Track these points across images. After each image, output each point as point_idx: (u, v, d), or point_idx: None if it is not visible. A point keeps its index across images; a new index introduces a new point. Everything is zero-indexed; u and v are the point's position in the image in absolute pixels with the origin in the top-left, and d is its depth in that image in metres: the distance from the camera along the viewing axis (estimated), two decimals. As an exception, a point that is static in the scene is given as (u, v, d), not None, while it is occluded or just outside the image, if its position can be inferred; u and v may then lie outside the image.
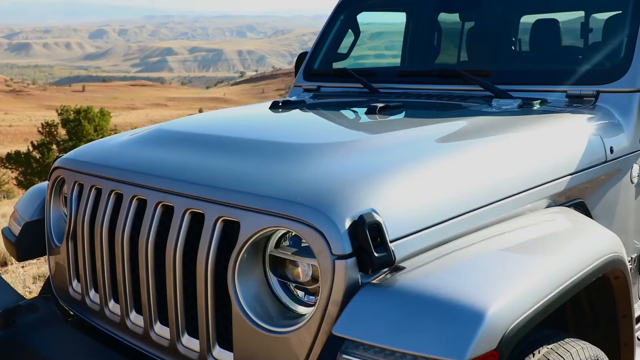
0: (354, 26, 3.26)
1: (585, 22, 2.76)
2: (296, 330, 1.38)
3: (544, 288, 1.33)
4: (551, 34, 2.58)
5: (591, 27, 2.75)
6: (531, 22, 2.76)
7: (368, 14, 3.60)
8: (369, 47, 4.23)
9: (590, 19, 2.72)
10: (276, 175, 1.53)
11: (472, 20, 3.12)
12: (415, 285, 1.29)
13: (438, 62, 3.28)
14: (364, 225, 1.31)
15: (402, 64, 3.54)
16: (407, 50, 3.50)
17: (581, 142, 1.93)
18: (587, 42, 2.62)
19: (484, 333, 1.17)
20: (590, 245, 1.57)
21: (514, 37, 2.77)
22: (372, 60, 4.28)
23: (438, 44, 3.30)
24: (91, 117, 40.51)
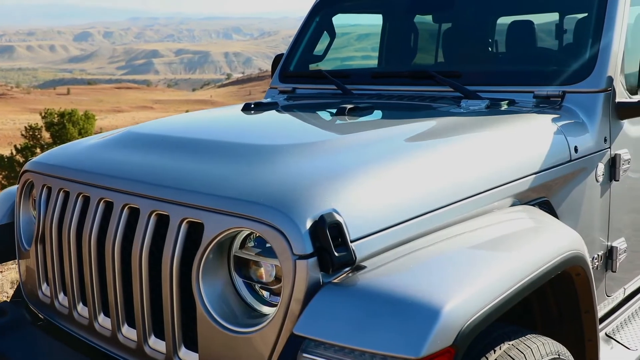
0: (329, 28, 3.28)
1: (557, 23, 2.80)
2: (259, 330, 1.39)
3: (501, 285, 1.36)
4: (520, 36, 2.62)
5: (566, 29, 2.79)
6: (503, 24, 2.80)
7: (356, 16, 3.63)
8: (356, 49, 4.25)
9: (558, 20, 2.76)
10: (240, 177, 1.54)
11: (445, 22, 3.15)
12: (375, 284, 1.31)
13: (413, 64, 3.30)
14: (324, 225, 1.33)
15: (379, 65, 3.56)
16: (384, 51, 3.53)
17: (545, 141, 1.96)
18: (555, 44, 2.66)
19: (439, 330, 1.19)
20: (550, 242, 1.60)
21: (485, 38, 2.80)
22: (359, 61, 4.30)
23: (414, 45, 3.33)
24: (75, 120, 40.17)
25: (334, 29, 3.28)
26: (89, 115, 42.10)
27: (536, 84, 2.28)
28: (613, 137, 2.22)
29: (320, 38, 3.29)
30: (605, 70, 2.18)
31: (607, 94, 2.19)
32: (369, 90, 2.73)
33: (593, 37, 2.26)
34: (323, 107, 2.49)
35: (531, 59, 2.56)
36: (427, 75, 2.55)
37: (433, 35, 3.39)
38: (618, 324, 2.43)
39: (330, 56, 4.03)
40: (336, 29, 4.00)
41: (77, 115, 40.74)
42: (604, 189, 2.19)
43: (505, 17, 2.82)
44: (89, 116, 42.02)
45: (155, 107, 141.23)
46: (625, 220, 2.36)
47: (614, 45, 2.22)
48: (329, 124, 2.19)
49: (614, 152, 2.21)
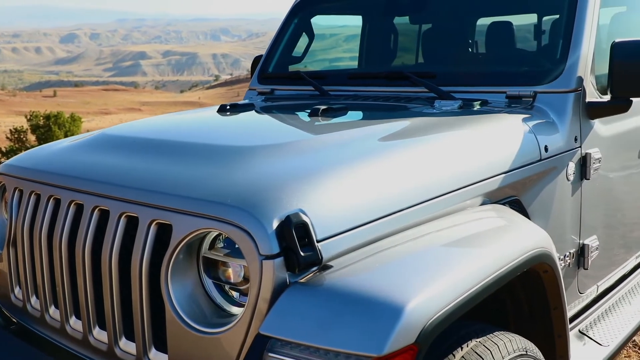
0: (308, 29, 3.29)
1: (529, 25, 2.83)
2: (227, 330, 1.40)
3: (465, 283, 1.37)
4: (493, 37, 2.65)
5: (544, 30, 2.82)
6: (478, 25, 2.83)
7: (344, 17, 3.64)
8: (344, 50, 4.26)
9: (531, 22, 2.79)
10: (209, 178, 1.55)
11: (421, 24, 3.17)
12: (340, 284, 1.32)
13: (392, 65, 3.33)
14: (290, 225, 1.34)
15: (359, 66, 3.58)
16: (364, 53, 3.55)
17: (515, 141, 1.99)
18: (527, 45, 2.69)
19: (402, 328, 1.21)
20: (515, 241, 1.62)
21: (460, 40, 2.83)
22: (348, 62, 4.30)
23: (394, 46, 3.36)
24: (61, 123, 39.84)
25: (312, 30, 3.29)
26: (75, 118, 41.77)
27: (508, 84, 2.31)
28: (584, 136, 2.25)
29: (299, 39, 3.30)
30: (575, 70, 2.21)
31: (578, 94, 2.22)
32: (346, 91, 2.74)
33: (563, 38, 2.29)
34: (298, 108, 2.50)
35: (504, 60, 2.59)
36: (402, 76, 2.58)
37: (413, 37, 3.42)
38: (591, 320, 2.46)
39: (319, 57, 4.05)
40: (324, 30, 4.02)
41: (63, 118, 40.40)
42: (575, 187, 2.22)
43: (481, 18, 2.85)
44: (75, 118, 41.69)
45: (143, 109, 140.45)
46: (597, 218, 2.39)
47: (584, 46, 2.25)
48: (301, 125, 2.20)
49: (585, 151, 2.24)
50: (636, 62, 2.15)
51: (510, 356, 1.54)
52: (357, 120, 2.18)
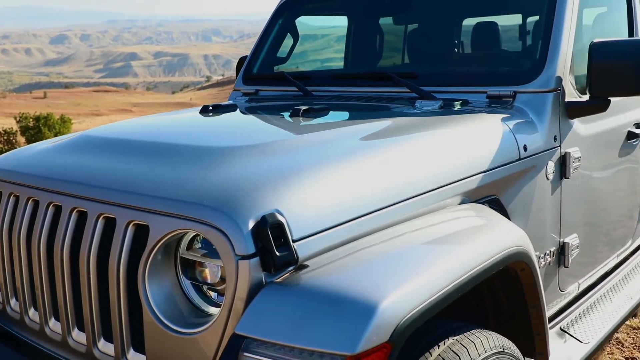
0: (292, 30, 3.30)
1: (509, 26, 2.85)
2: (204, 331, 1.40)
3: (440, 281, 1.39)
4: (475, 38, 2.67)
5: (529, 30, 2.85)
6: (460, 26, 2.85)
7: (336, 18, 3.65)
8: (336, 50, 4.27)
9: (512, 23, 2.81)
10: (186, 179, 1.55)
11: (404, 24, 3.19)
12: (315, 283, 1.33)
13: (377, 65, 3.34)
14: (266, 225, 1.35)
15: (344, 66, 3.59)
16: (349, 53, 3.56)
17: (494, 140, 2.00)
18: (508, 45, 2.71)
19: (375, 327, 1.22)
20: (491, 240, 1.63)
21: (442, 40, 2.84)
22: (338, 63, 4.31)
23: (380, 47, 3.37)
24: (51, 124, 39.58)
25: (297, 31, 3.30)
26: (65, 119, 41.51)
27: (489, 84, 2.33)
28: (563, 135, 2.27)
29: (284, 40, 3.30)
30: (554, 70, 2.23)
31: (557, 94, 2.24)
32: (330, 92, 2.75)
33: (543, 39, 2.31)
34: (280, 108, 2.51)
35: (484, 60, 2.61)
36: (385, 77, 2.59)
37: (399, 37, 3.43)
38: (573, 318, 2.49)
39: (311, 57, 4.06)
40: (316, 31, 4.03)
41: (53, 119, 40.14)
42: (555, 186, 2.24)
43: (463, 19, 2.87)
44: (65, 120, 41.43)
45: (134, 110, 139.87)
46: (577, 216, 2.42)
47: (563, 46, 2.27)
48: (281, 125, 2.21)
49: (564, 150, 2.26)
50: (613, 62, 2.17)
51: (487, 353, 1.55)
52: (336, 121, 2.19)
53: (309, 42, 4.01)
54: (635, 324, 3.53)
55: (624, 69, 2.16)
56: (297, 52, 3.96)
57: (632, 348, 3.28)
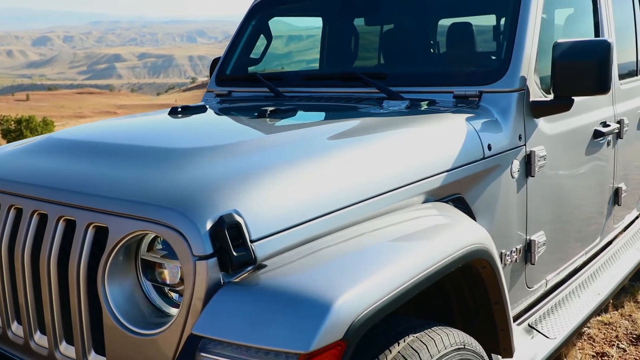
0: (265, 31, 3.30)
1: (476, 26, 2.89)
2: (163, 332, 1.40)
3: (396, 279, 1.40)
4: (442, 38, 2.70)
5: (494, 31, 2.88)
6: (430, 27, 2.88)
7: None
8: (317, 52, 4.28)
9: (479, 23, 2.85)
10: (146, 180, 1.56)
11: (375, 25, 3.22)
12: (272, 283, 1.34)
13: (351, 66, 3.36)
14: (223, 225, 1.36)
15: (319, 67, 3.61)
16: (324, 54, 3.58)
17: (458, 140, 2.03)
18: (474, 46, 2.75)
19: (329, 324, 1.23)
20: (450, 238, 1.65)
21: (411, 41, 2.87)
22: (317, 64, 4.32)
23: (354, 48, 3.39)
24: (33, 127, 39.13)
25: (270, 32, 3.31)
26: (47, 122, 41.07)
27: (455, 84, 2.36)
28: (528, 134, 2.30)
29: (257, 41, 3.31)
30: (518, 70, 2.27)
31: (521, 94, 2.27)
32: (301, 93, 2.77)
33: (507, 39, 2.34)
34: (248, 110, 2.51)
35: (451, 61, 2.64)
36: (354, 77, 2.61)
37: (373, 38, 3.46)
38: (541, 314, 2.52)
39: (296, 58, 4.06)
40: (301, 32, 4.04)
41: (35, 122, 39.70)
42: (520, 184, 2.28)
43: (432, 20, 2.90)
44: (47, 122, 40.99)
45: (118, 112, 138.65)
46: (544, 214, 2.45)
47: (527, 46, 2.31)
48: (246, 126, 2.21)
49: (530, 149, 2.30)
50: (576, 62, 2.21)
51: (447, 350, 1.57)
52: (301, 121, 2.20)
53: (294, 42, 4.02)
54: (606, 320, 3.58)
55: (586, 69, 2.20)
56: (280, 52, 3.98)
57: (603, 343, 3.33)
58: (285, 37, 3.98)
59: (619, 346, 3.29)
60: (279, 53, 4.10)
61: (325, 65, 3.56)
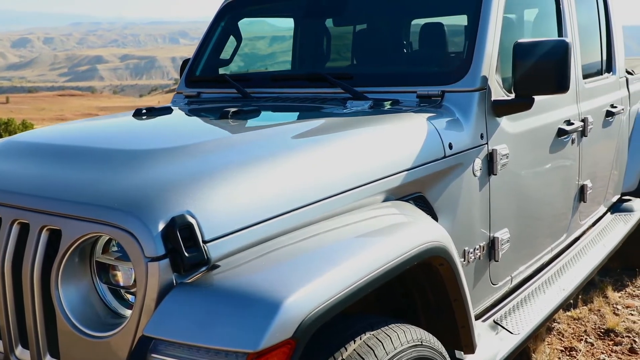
0: (235, 32, 3.30)
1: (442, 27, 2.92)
2: (116, 334, 1.40)
3: (348, 278, 1.41)
4: (406, 39, 2.72)
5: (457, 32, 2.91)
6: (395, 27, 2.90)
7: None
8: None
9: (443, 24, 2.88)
10: (101, 182, 1.55)
11: (342, 26, 3.23)
12: (223, 283, 1.35)
13: (323, 66, 3.37)
14: (175, 227, 1.36)
15: (292, 68, 3.62)
16: (296, 55, 3.59)
17: (418, 139, 2.05)
18: (438, 46, 2.78)
19: (278, 323, 1.24)
20: (406, 236, 1.66)
21: (376, 41, 2.89)
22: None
23: (327, 48, 3.40)
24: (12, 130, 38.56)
25: (240, 33, 3.31)
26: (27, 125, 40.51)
27: (419, 84, 2.38)
28: (490, 133, 2.33)
29: (227, 42, 3.31)
30: (479, 70, 2.30)
31: (482, 93, 2.30)
32: (269, 93, 2.77)
33: (469, 39, 2.37)
34: (213, 111, 2.51)
35: (415, 61, 2.67)
36: (321, 78, 2.62)
37: (343, 39, 3.47)
38: (506, 311, 2.55)
39: (280, 59, 4.06)
40: (285, 32, 4.03)
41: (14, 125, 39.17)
42: (483, 183, 2.30)
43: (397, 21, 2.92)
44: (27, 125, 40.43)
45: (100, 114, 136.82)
46: (507, 211, 2.48)
47: (488, 46, 2.34)
48: (207, 127, 2.22)
49: (492, 147, 2.33)
50: (536, 62, 2.25)
51: (403, 347, 1.58)
52: (263, 122, 2.21)
53: (278, 43, 4.02)
54: (576, 315, 3.64)
55: (546, 68, 2.24)
56: (264, 53, 3.97)
57: (572, 338, 3.39)
58: (267, 38, 3.99)
59: (587, 340, 3.35)
60: (262, 54, 4.11)
61: (297, 66, 3.57)
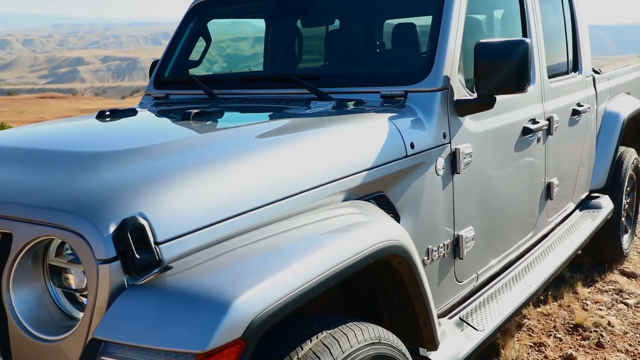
0: (204, 33, 3.30)
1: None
2: (68, 337, 1.39)
3: (301, 277, 1.42)
4: (371, 39, 2.74)
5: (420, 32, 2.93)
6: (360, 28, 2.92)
7: None
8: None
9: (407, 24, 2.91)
10: (54, 185, 1.54)
11: (310, 27, 3.25)
12: (174, 284, 1.35)
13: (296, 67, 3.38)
14: (126, 228, 1.36)
15: (264, 69, 3.62)
16: (268, 56, 3.59)
17: (379, 139, 2.06)
18: (402, 47, 2.80)
19: (227, 323, 1.24)
20: (362, 235, 1.67)
21: (342, 42, 2.91)
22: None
23: (299, 49, 3.41)
24: (-10, 133, 37.97)
25: (209, 34, 3.30)
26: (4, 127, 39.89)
27: (382, 84, 2.40)
28: (453, 132, 2.36)
29: (196, 43, 3.30)
30: (441, 70, 2.32)
31: (445, 93, 2.33)
32: (237, 95, 2.77)
33: (431, 39, 2.40)
34: (176, 112, 2.51)
35: (380, 61, 2.69)
36: (287, 78, 2.63)
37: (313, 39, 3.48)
38: (472, 308, 2.59)
39: (262, 60, 4.04)
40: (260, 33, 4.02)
41: (-8, 128, 38.52)
42: (446, 181, 2.33)
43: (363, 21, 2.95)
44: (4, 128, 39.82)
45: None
46: (472, 210, 2.51)
47: (450, 47, 2.37)
48: (167, 129, 2.21)
49: (455, 146, 2.35)
50: (497, 62, 2.28)
51: (360, 345, 1.60)
52: (224, 123, 2.21)
53: (260, 44, 4.02)
54: (546, 311, 3.70)
55: (506, 68, 2.27)
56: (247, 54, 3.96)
57: (541, 334, 3.44)
58: (250, 39, 3.99)
59: (556, 336, 3.40)
60: (246, 54, 4.11)
61: (269, 66, 3.57)
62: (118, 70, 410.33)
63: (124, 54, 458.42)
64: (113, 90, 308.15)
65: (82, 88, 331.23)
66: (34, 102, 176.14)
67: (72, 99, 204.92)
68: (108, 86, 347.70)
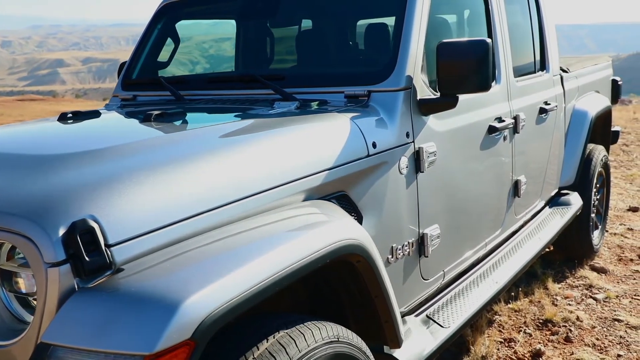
0: (173, 34, 3.28)
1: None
2: (17, 342, 1.38)
3: (253, 277, 1.42)
4: (335, 40, 2.75)
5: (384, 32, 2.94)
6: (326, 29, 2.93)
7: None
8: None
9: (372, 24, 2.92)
10: (5, 188, 1.52)
11: (279, 27, 3.25)
12: (123, 286, 1.34)
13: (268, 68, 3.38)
14: (75, 231, 1.35)
15: (235, 69, 3.61)
16: (239, 56, 3.59)
17: (341, 138, 2.07)
18: (364, 47, 2.82)
19: (175, 325, 1.24)
20: (319, 234, 1.68)
21: (308, 42, 2.92)
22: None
23: (270, 49, 3.41)
24: (-32, 137, 37.30)
25: (178, 35, 3.29)
26: (-17, 131, 39.19)
27: (346, 84, 2.41)
28: (417, 132, 2.38)
29: (164, 45, 3.29)
30: (404, 70, 2.34)
31: (407, 92, 2.34)
32: (203, 96, 2.77)
33: (394, 39, 2.42)
34: (139, 114, 2.49)
35: (344, 61, 2.70)
36: (253, 79, 2.63)
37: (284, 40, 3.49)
38: (439, 305, 2.61)
39: (227, 61, 4.02)
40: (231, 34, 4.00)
41: (-30, 131, 37.80)
42: (410, 180, 2.35)
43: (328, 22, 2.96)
44: (-17, 131, 39.11)
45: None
46: (437, 208, 2.53)
47: (412, 47, 2.38)
48: (127, 130, 2.20)
49: (418, 145, 2.37)
50: (458, 62, 2.30)
51: (318, 343, 1.60)
52: (185, 124, 2.21)
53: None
54: (517, 307, 3.74)
55: (467, 68, 2.29)
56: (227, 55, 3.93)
57: (512, 329, 3.48)
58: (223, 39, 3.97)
59: (526, 331, 3.45)
60: (225, 55, 4.08)
61: (240, 67, 3.57)
62: (99, 71, 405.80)
63: (105, 55, 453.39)
64: (94, 92, 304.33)
65: (63, 90, 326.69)
66: (13, 104, 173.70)
67: (52, 101, 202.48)
68: (89, 88, 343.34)
